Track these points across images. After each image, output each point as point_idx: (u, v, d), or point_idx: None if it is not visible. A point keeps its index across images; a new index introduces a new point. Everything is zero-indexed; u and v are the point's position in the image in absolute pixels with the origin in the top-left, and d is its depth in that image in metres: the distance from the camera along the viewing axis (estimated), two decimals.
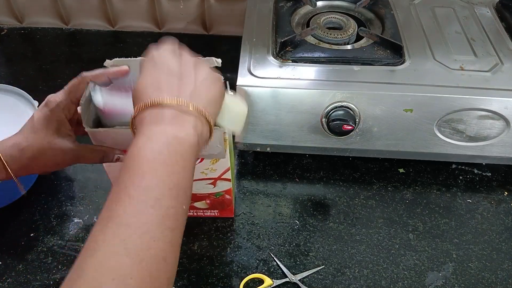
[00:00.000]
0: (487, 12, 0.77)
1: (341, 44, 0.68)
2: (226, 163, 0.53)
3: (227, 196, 0.59)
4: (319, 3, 0.77)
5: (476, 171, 0.70)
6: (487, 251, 0.60)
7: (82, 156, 0.48)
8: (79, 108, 0.47)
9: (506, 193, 0.68)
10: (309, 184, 0.68)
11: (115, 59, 0.50)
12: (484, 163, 0.71)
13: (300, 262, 0.58)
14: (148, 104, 0.38)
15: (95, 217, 0.62)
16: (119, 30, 0.96)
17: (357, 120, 0.61)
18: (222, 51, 0.92)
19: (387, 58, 0.65)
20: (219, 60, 0.49)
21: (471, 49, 0.68)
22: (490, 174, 0.70)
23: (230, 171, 0.55)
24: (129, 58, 0.49)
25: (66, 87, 0.49)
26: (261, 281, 0.56)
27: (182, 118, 0.38)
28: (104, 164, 0.51)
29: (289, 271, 0.57)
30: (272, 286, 0.56)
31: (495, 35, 0.71)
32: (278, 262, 0.58)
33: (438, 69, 0.64)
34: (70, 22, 0.97)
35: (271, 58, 0.65)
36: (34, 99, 0.67)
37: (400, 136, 0.64)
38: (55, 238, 0.60)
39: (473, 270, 0.58)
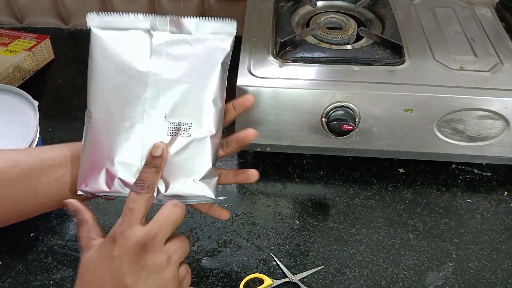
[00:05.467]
0: (487, 12, 0.77)
1: (341, 44, 0.69)
2: None
3: None
4: (319, 3, 0.77)
5: (476, 171, 0.71)
6: (487, 251, 0.60)
7: None
8: None
9: (506, 193, 0.68)
10: (309, 184, 0.68)
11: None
12: (484, 163, 0.71)
13: (300, 262, 0.58)
14: None
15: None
16: None
17: (357, 120, 0.61)
18: None
19: (387, 58, 0.65)
20: None
21: (471, 49, 0.68)
22: (490, 174, 0.70)
23: None
24: None
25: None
26: (261, 281, 0.56)
27: None
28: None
29: (289, 271, 0.57)
30: (272, 286, 0.56)
31: (495, 35, 0.71)
32: (278, 262, 0.58)
33: (438, 69, 0.64)
34: (70, 22, 0.97)
35: (271, 58, 0.65)
36: (34, 99, 0.67)
37: (400, 136, 0.64)
38: (55, 238, 0.60)
39: (473, 270, 0.58)
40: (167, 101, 0.43)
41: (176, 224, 0.41)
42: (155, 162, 0.42)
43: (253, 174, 0.50)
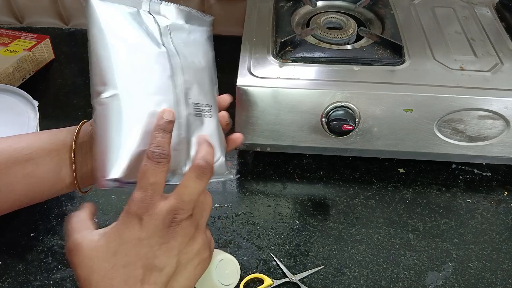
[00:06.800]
0: (487, 12, 0.77)
1: (341, 44, 0.69)
2: None
3: None
4: (319, 3, 0.77)
5: (476, 171, 0.71)
6: (487, 251, 0.60)
7: None
8: None
9: (506, 193, 0.68)
10: (309, 184, 0.68)
11: None
12: (484, 163, 0.71)
13: (300, 262, 0.58)
14: None
15: (95, 217, 0.62)
16: None
17: (357, 120, 0.61)
18: (222, 51, 0.92)
19: (387, 58, 0.65)
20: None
21: (471, 49, 0.68)
22: (490, 174, 0.70)
23: None
24: None
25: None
26: (261, 281, 0.56)
27: None
28: None
29: (289, 271, 0.57)
30: (272, 286, 0.56)
31: (495, 35, 0.71)
32: (278, 262, 0.58)
33: (438, 69, 0.64)
34: (70, 22, 0.97)
35: (271, 58, 0.65)
36: (34, 99, 0.67)
37: (400, 136, 0.64)
38: (55, 238, 0.60)
39: (473, 270, 0.58)
40: (188, 83, 0.43)
41: (201, 192, 0.38)
42: (169, 127, 0.38)
43: (237, 136, 0.50)
